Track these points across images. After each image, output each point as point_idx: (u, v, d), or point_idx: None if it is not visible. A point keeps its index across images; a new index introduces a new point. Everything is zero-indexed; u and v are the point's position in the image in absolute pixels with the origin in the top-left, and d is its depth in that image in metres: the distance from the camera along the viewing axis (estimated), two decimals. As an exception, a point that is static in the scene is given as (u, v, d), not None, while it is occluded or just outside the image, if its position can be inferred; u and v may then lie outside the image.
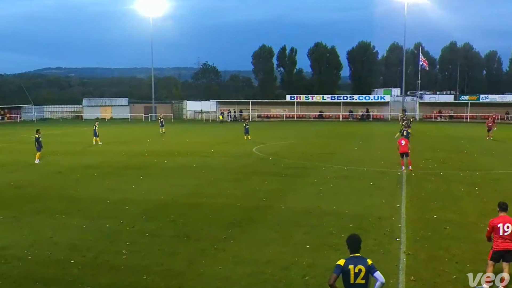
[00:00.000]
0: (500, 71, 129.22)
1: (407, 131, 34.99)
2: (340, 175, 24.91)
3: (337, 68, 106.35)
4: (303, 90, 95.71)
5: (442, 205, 18.07)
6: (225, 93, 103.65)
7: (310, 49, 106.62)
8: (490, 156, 33.28)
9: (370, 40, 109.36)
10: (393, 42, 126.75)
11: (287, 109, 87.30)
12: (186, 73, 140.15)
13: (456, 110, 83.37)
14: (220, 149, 36.86)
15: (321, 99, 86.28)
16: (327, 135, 51.74)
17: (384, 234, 14.38)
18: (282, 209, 17.64)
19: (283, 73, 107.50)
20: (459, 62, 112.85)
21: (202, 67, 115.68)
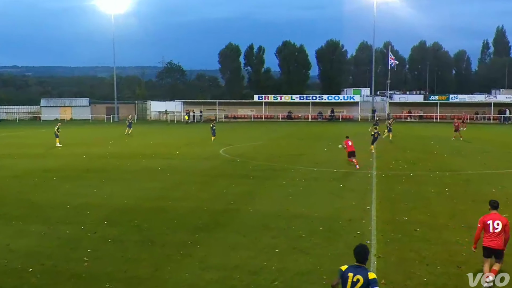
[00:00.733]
0: (469, 71, 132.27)
1: (377, 132, 36.15)
2: (309, 177, 25.04)
3: (306, 68, 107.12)
4: (271, 90, 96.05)
5: (412, 207, 18.35)
6: (190, 93, 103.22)
7: (278, 48, 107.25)
8: (459, 156, 33.98)
9: (339, 39, 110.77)
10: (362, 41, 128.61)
11: (255, 109, 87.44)
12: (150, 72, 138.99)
13: (425, 110, 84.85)
14: (185, 151, 36.66)
15: (290, 99, 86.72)
16: (296, 136, 52.00)
17: (354, 237, 14.51)
18: (250, 213, 17.64)
19: (251, 73, 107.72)
20: (428, 61, 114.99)
21: (167, 66, 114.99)
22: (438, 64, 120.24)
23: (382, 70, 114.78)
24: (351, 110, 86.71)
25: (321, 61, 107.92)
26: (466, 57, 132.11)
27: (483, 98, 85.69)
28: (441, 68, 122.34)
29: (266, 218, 16.77)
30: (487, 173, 26.92)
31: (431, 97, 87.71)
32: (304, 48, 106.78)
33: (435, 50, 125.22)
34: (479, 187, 22.58)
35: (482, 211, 17.53)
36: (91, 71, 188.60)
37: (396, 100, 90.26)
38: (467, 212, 17.62)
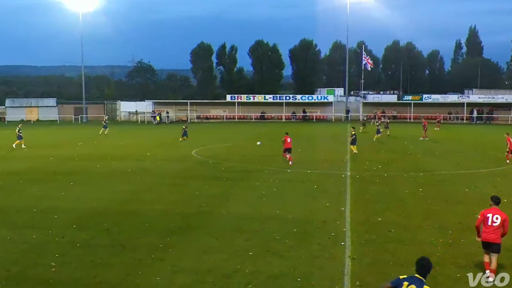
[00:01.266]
0: (442, 71, 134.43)
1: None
2: (283, 178, 25.13)
3: (279, 67, 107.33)
4: (244, 90, 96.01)
5: (386, 208, 18.56)
6: (161, 93, 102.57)
7: (251, 47, 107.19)
8: (433, 157, 34.50)
9: (312, 38, 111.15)
10: (336, 41, 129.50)
11: (228, 109, 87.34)
12: (120, 71, 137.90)
13: (399, 110, 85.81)
14: (157, 152, 36.45)
15: (263, 99, 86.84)
16: (269, 136, 52.09)
17: (328, 238, 14.62)
18: (223, 215, 17.63)
19: (223, 72, 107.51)
20: (402, 61, 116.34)
21: (137, 65, 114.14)
22: (411, 64, 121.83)
23: (356, 70, 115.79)
24: (324, 111, 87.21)
25: (294, 60, 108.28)
26: (439, 57, 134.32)
27: (456, 98, 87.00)
28: (415, 68, 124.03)
29: (239, 220, 16.79)
30: (460, 173, 27.38)
31: (405, 97, 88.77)
32: (277, 47, 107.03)
33: (408, 50, 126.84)
34: (452, 187, 22.97)
35: (456, 211, 17.93)
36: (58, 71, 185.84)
37: (370, 100, 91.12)
38: (441, 212, 17.92)
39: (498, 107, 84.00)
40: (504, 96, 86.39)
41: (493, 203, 12.07)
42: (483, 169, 28.57)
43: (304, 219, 16.90)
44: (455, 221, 16.47)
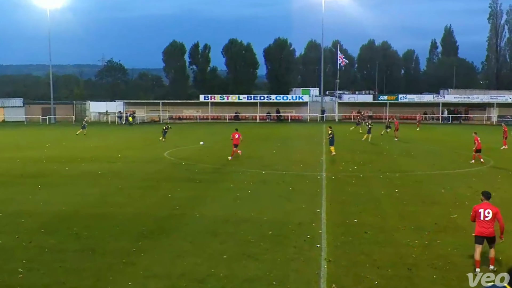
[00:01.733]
0: (418, 71, 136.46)
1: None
2: (257, 180, 25.16)
3: (254, 67, 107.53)
4: (218, 90, 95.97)
5: (362, 209, 18.71)
6: (133, 93, 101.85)
7: (224, 46, 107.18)
8: (409, 157, 34.90)
9: (287, 37, 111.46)
10: (311, 40, 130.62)
11: (201, 110, 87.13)
12: (89, 71, 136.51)
13: (375, 110, 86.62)
14: (128, 154, 36.16)
15: (237, 99, 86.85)
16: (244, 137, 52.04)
17: (304, 240, 14.67)
18: (196, 218, 17.58)
19: (196, 72, 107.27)
20: (377, 61, 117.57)
21: (107, 64, 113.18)
22: (387, 63, 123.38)
23: (331, 70, 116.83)
24: (300, 111, 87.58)
25: (269, 60, 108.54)
26: (415, 56, 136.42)
27: (432, 98, 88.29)
28: (390, 67, 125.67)
29: (213, 223, 16.75)
30: (436, 173, 27.74)
31: (380, 97, 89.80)
32: (252, 46, 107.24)
33: (384, 49, 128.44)
34: (428, 188, 23.26)
35: (432, 212, 18.16)
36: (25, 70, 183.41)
37: (345, 100, 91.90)
38: (417, 213, 18.13)
39: (473, 107, 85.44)
40: (479, 96, 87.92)
41: (484, 198, 12.84)
42: (458, 170, 29.00)
43: (280, 221, 16.93)
44: (431, 222, 16.67)
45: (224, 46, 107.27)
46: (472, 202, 19.67)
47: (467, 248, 13.87)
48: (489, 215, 12.35)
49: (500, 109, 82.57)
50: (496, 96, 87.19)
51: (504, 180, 25.40)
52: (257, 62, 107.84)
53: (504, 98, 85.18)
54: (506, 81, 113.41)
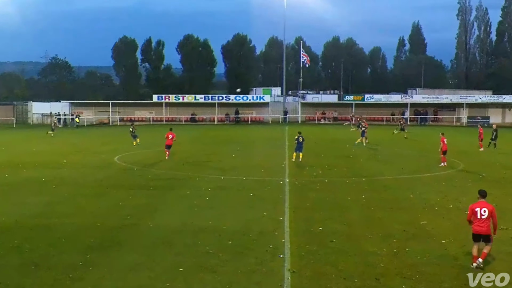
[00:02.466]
0: (385, 69, 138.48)
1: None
2: (216, 186, 25.14)
3: (211, 65, 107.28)
4: (173, 89, 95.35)
5: (328, 216, 18.87)
6: (80, 93, 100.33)
7: (179, 42, 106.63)
8: (376, 161, 35.40)
9: (246, 33, 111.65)
10: (272, 36, 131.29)
11: (154, 111, 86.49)
12: (32, 68, 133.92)
13: (340, 111, 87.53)
14: (75, 159, 35.65)
15: (193, 99, 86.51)
16: (201, 140, 51.97)
17: (266, 251, 14.71)
18: (150, 228, 17.45)
19: (149, 70, 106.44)
20: (342, 59, 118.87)
21: (51, 61, 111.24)
22: (352, 61, 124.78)
23: (294, 68, 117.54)
24: (261, 112, 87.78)
25: (227, 57, 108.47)
26: (381, 54, 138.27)
27: (399, 98, 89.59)
28: (356, 66, 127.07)
29: (168, 233, 16.66)
30: (404, 178, 28.21)
31: (346, 97, 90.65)
32: (209, 43, 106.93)
33: (349, 46, 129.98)
34: (396, 193, 23.63)
35: (400, 218, 18.46)
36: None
37: (309, 100, 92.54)
38: (385, 220, 18.40)
39: (442, 108, 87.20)
40: (448, 96, 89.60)
41: (480, 196, 13.81)
42: (427, 173, 29.54)
43: (240, 230, 16.94)
44: (400, 229, 16.95)
45: (179, 43, 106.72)
46: (442, 208, 20.19)
47: (437, 257, 14.17)
48: (485, 213, 13.36)
49: (470, 109, 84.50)
50: (466, 96, 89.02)
51: (474, 183, 25.93)
52: (215, 59, 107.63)
53: (474, 98, 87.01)
54: (476, 81, 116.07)
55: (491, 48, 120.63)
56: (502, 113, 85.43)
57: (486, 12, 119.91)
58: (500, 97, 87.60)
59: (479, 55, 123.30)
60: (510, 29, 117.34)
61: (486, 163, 33.83)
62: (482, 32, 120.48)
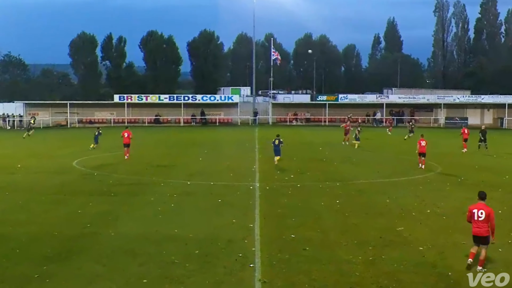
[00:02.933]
0: (359, 68, 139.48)
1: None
2: (182, 192, 25.07)
3: (176, 63, 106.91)
4: (135, 89, 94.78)
5: (300, 223, 18.94)
6: (35, 93, 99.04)
7: (142, 39, 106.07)
8: (351, 164, 35.64)
9: (214, 29, 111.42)
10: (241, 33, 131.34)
11: (116, 112, 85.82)
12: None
13: (313, 112, 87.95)
14: (30, 164, 35.20)
15: (157, 99, 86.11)
16: (166, 143, 51.75)
17: (235, 260, 14.70)
18: (111, 236, 17.32)
19: (110, 68, 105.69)
20: (315, 57, 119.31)
21: (4, 59, 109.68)
22: (325, 59, 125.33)
23: (264, 67, 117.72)
24: (229, 113, 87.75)
25: (193, 55, 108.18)
26: (356, 52, 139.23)
27: (375, 98, 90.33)
28: (329, 64, 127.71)
29: (131, 242, 16.55)
30: (380, 182, 28.45)
31: (319, 97, 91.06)
32: (174, 39, 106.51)
33: (322, 44, 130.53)
34: (372, 198, 23.82)
35: (376, 225, 18.61)
36: None
37: (280, 100, 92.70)
38: (360, 226, 18.53)
39: (419, 108, 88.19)
40: (425, 96, 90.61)
41: (479, 198, 14.42)
42: (404, 177, 29.87)
43: (207, 238, 16.90)
44: (376, 236, 17.08)
45: (142, 39, 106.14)
46: (419, 213, 20.43)
47: (415, 264, 14.33)
48: (482, 215, 13.96)
49: (448, 110, 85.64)
50: (443, 96, 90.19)
51: (453, 187, 26.36)
52: (180, 57, 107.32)
53: (452, 99, 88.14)
54: (454, 80, 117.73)
55: (469, 46, 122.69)
56: (481, 114, 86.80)
57: (464, 9, 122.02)
58: (478, 97, 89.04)
59: (457, 53, 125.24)
60: (489, 26, 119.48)
61: (464, 165, 34.33)
62: (460, 29, 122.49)
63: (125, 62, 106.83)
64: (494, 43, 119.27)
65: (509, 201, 22.63)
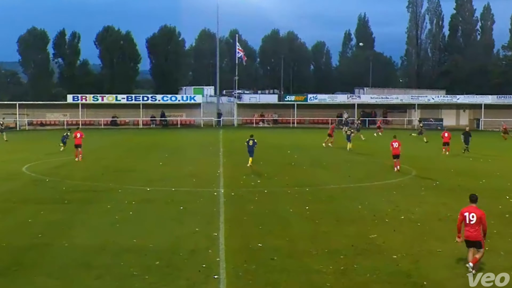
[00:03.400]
0: (329, 66, 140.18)
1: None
2: (141, 199, 24.92)
3: (135, 60, 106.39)
4: (91, 89, 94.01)
5: (268, 231, 18.98)
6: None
7: (98, 35, 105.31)
8: (321, 168, 35.85)
9: (175, 25, 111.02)
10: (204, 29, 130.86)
11: (69, 113, 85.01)
12: None
13: (281, 113, 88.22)
14: (-25, 170, 34.66)
15: (115, 100, 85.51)
16: (124, 146, 51.44)
17: (199, 271, 14.66)
18: (65, 248, 17.14)
19: (63, 66, 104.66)
20: (282, 54, 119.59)
21: None
22: (294, 57, 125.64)
23: (229, 65, 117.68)
24: (192, 114, 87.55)
25: (153, 52, 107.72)
26: (325, 50, 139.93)
27: (346, 98, 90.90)
28: (298, 62, 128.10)
29: (86, 253, 16.41)
30: (351, 187, 28.66)
31: (287, 98, 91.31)
32: (132, 35, 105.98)
33: (290, 41, 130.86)
34: (343, 204, 23.97)
35: (348, 232, 18.74)
36: None
37: (246, 101, 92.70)
38: (331, 234, 18.63)
39: (392, 109, 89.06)
40: (398, 96, 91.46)
41: (470, 201, 14.92)
42: (377, 181, 30.11)
43: (169, 249, 16.85)
44: (347, 244, 17.19)
45: (97, 35, 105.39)
46: (393, 220, 20.62)
47: (388, 274, 14.45)
48: (474, 218, 14.42)
49: (422, 111, 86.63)
50: (417, 96, 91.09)
51: (428, 192, 26.66)
52: (139, 54, 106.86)
53: (426, 99, 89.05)
54: (428, 79, 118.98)
55: (443, 44, 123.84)
56: (456, 115, 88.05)
57: (439, 4, 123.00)
58: (454, 97, 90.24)
59: (431, 51, 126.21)
60: (464, 23, 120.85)
61: (440, 169, 34.77)
62: (434, 26, 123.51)
63: (79, 60, 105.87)
64: (469, 40, 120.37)
65: (486, 206, 22.75)
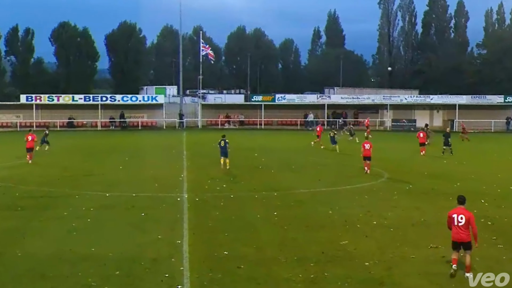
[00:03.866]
0: (298, 65, 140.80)
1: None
2: (100, 205, 24.75)
3: (92, 58, 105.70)
4: (45, 88, 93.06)
5: (234, 238, 18.98)
6: None
7: (53, 31, 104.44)
8: (290, 171, 35.92)
9: (135, 21, 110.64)
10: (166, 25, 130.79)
11: (22, 114, 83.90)
12: None
13: (247, 114, 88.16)
14: None
15: (71, 100, 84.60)
16: (81, 149, 50.99)
17: (161, 281, 14.62)
18: (18, 257, 16.94)
19: (15, 64, 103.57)
20: (249, 52, 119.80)
21: None
22: (261, 55, 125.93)
23: (192, 63, 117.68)
24: (153, 115, 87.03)
25: (112, 50, 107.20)
26: (294, 47, 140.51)
27: (315, 98, 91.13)
28: (265, 60, 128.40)
29: (41, 263, 16.25)
30: (322, 191, 28.81)
31: (254, 98, 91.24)
32: (89, 32, 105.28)
33: (257, 38, 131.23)
34: (313, 208, 24.08)
35: (318, 239, 18.83)
36: None
37: (211, 101, 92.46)
38: (300, 240, 18.69)
39: (363, 110, 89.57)
40: (370, 96, 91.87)
41: (458, 203, 15.30)
42: (348, 185, 30.29)
43: (129, 257, 16.76)
44: (318, 251, 17.26)
45: (52, 31, 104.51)
46: (365, 225, 20.77)
47: (360, 281, 14.56)
48: (462, 220, 14.84)
49: (394, 111, 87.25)
50: (390, 96, 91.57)
51: (401, 196, 26.89)
52: (97, 52, 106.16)
53: (399, 99, 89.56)
54: (401, 78, 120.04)
55: (416, 42, 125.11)
56: (430, 115, 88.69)
57: (411, 1, 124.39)
58: (427, 97, 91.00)
59: (404, 49, 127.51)
60: (437, 20, 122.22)
61: (413, 172, 35.13)
62: (407, 23, 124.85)
63: (33, 58, 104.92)
64: (443, 38, 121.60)
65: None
